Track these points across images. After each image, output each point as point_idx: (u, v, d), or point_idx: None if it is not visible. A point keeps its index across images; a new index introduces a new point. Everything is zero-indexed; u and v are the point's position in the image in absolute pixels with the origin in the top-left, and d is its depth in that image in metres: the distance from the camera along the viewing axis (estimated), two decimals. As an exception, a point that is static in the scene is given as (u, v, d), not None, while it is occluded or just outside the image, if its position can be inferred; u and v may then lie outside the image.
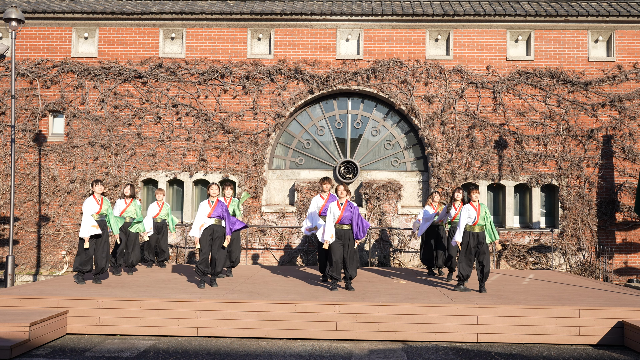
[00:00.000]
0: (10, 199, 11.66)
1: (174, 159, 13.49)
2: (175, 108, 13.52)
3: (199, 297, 7.78)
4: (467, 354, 6.77)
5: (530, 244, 13.17)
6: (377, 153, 14.00)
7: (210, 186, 8.96)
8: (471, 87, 13.43)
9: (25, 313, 7.26)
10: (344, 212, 8.70)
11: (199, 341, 7.27)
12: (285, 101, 13.47)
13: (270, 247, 13.38)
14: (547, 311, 7.41)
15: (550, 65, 13.40)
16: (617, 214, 13.16)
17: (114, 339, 7.32)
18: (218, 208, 8.89)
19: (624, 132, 13.20)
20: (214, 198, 8.94)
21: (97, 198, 9.11)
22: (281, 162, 14.10)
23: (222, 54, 13.61)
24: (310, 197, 13.28)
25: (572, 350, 7.10)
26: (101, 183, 9.19)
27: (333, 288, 8.66)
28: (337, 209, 8.73)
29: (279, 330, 7.43)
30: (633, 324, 7.06)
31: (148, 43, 13.67)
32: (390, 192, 13.28)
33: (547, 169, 13.30)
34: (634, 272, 13.07)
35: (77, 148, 13.46)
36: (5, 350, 6.26)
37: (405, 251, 13.31)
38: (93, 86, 13.57)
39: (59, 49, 13.69)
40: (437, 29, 13.58)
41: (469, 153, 13.33)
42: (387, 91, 13.46)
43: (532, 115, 13.34)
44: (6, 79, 13.62)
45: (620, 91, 13.29)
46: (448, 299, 7.95)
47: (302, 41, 13.63)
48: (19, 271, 13.26)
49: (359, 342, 7.31)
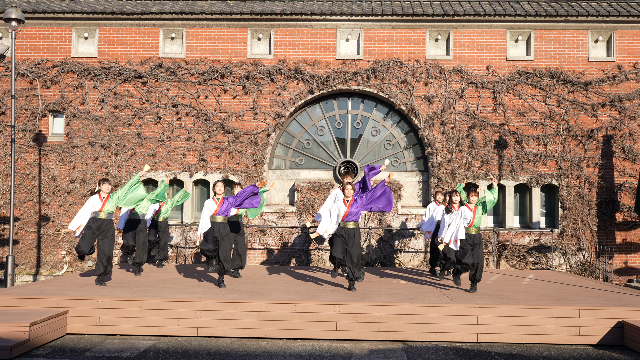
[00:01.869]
0: (10, 199, 11.66)
1: (174, 159, 13.49)
2: (175, 108, 13.52)
3: (199, 297, 7.78)
4: (467, 354, 6.77)
5: (530, 244, 13.17)
6: (377, 153, 14.00)
7: (216, 184, 8.93)
8: (471, 87, 13.43)
9: (25, 313, 7.26)
10: (349, 209, 8.68)
11: (199, 341, 7.27)
12: (285, 101, 13.47)
13: (270, 247, 13.38)
14: (547, 311, 7.41)
15: (550, 65, 13.40)
16: (617, 214, 13.15)
17: (114, 339, 7.32)
18: (224, 205, 8.88)
19: (624, 132, 13.20)
20: (220, 196, 8.93)
21: (102, 196, 9.04)
22: (281, 162, 14.10)
23: (222, 54, 13.61)
24: (310, 197, 13.29)
25: (572, 350, 7.10)
26: (108, 182, 9.07)
27: (333, 273, 9.38)
28: (343, 205, 8.71)
29: (279, 330, 7.43)
30: (633, 324, 7.06)
31: (148, 43, 13.67)
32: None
33: (547, 169, 13.30)
34: (634, 272, 13.07)
35: (77, 148, 13.46)
36: (5, 350, 6.26)
37: (405, 251, 13.31)
38: (93, 86, 13.57)
39: (59, 49, 13.69)
40: (437, 29, 13.58)
41: (469, 153, 13.33)
42: (387, 91, 13.46)
43: (532, 115, 13.34)
44: (6, 79, 13.62)
45: (620, 91, 13.29)
46: (448, 299, 7.95)
47: (302, 41, 13.63)
48: (19, 271, 13.26)
49: (359, 342, 7.31)
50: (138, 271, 10.41)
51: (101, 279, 8.94)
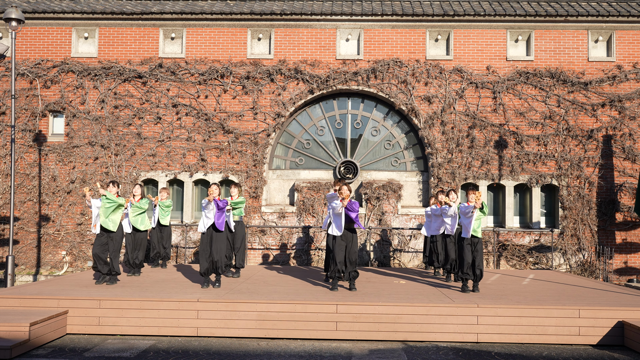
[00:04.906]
0: (10, 199, 11.66)
1: (174, 159, 13.49)
2: (175, 108, 13.52)
3: (199, 297, 7.78)
4: (467, 354, 6.77)
5: (530, 244, 13.17)
6: (377, 153, 14.00)
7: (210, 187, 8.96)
8: (471, 87, 13.43)
9: (25, 313, 7.26)
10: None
11: (199, 341, 7.27)
12: (285, 101, 13.47)
13: (270, 247, 13.38)
14: (547, 311, 7.41)
15: (550, 65, 13.40)
16: (617, 214, 13.16)
17: (114, 339, 7.32)
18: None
19: (624, 132, 13.20)
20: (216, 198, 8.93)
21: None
22: (281, 162, 14.10)
23: (222, 54, 13.61)
24: (310, 197, 13.29)
25: (572, 350, 7.10)
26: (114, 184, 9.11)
27: (333, 288, 8.67)
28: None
29: (279, 330, 7.43)
30: (633, 324, 7.06)
31: (148, 43, 13.67)
32: (390, 192, 13.28)
33: (547, 169, 13.30)
34: (634, 272, 13.07)
35: (77, 148, 13.46)
36: (5, 350, 6.26)
37: (405, 251, 13.31)
38: (93, 86, 13.57)
39: (59, 49, 13.69)
40: (437, 29, 13.58)
41: (469, 153, 13.33)
42: (387, 91, 13.46)
43: (532, 115, 13.34)
44: (6, 79, 13.62)
45: (620, 91, 13.29)
46: (448, 299, 7.95)
47: (302, 41, 13.63)
48: (19, 271, 13.26)
49: (359, 342, 7.30)
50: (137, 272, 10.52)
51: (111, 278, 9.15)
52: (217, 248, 8.79)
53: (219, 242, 8.83)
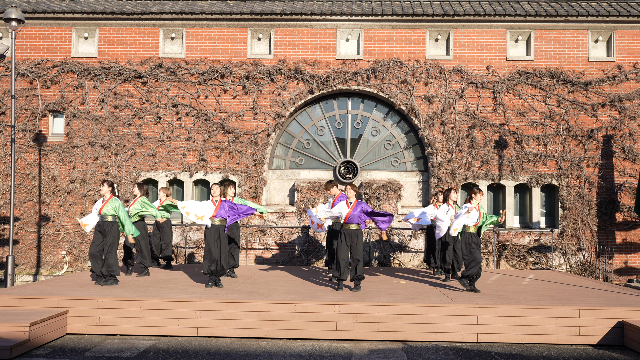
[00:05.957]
0: (10, 199, 11.66)
1: (174, 159, 13.49)
2: (175, 108, 13.52)
3: (199, 297, 7.78)
4: (467, 354, 6.77)
5: (530, 244, 13.17)
6: (377, 153, 14.00)
7: (212, 186, 8.98)
8: (471, 87, 13.43)
9: (25, 313, 7.26)
10: (352, 211, 8.70)
11: (199, 341, 7.27)
12: (285, 101, 13.47)
13: (270, 247, 13.38)
14: (547, 311, 7.41)
15: (550, 65, 13.40)
16: (617, 214, 13.16)
17: (114, 339, 7.32)
18: (221, 210, 8.88)
19: (624, 132, 13.20)
20: (217, 198, 8.94)
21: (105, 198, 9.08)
22: (281, 162, 14.10)
23: (222, 54, 13.61)
24: (310, 197, 13.29)
25: (572, 350, 7.10)
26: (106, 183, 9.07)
27: (339, 288, 8.68)
28: (346, 207, 8.75)
29: (279, 330, 7.43)
30: (633, 324, 7.06)
31: (148, 43, 13.67)
32: (390, 192, 13.27)
33: (547, 169, 13.30)
34: (634, 272, 13.07)
35: (77, 148, 13.47)
36: (5, 350, 6.26)
37: (405, 251, 13.31)
38: (93, 86, 13.57)
39: (59, 49, 13.69)
40: (437, 29, 13.58)
41: (469, 153, 13.33)
42: (387, 91, 13.46)
43: (532, 115, 13.34)
44: (6, 79, 13.62)
45: (620, 91, 13.29)
46: (448, 299, 7.95)
47: (302, 41, 13.63)
48: (19, 271, 13.26)
49: (359, 342, 7.31)
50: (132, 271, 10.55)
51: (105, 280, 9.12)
52: (222, 249, 8.87)
53: (224, 243, 8.92)
